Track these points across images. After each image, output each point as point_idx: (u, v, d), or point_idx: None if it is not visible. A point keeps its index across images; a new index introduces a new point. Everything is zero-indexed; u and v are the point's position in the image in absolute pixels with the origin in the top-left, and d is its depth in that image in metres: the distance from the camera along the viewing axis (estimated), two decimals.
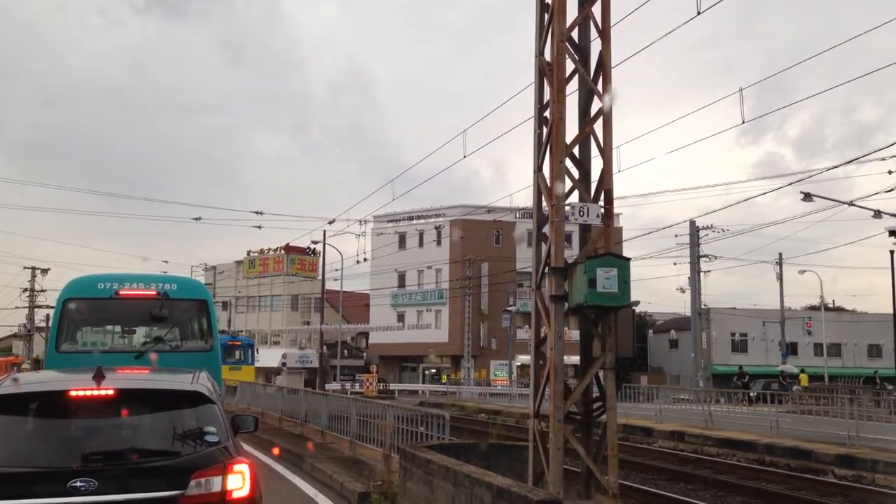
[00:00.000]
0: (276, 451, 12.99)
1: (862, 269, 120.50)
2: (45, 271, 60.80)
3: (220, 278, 76.04)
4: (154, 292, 11.82)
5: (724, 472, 17.12)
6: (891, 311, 41.52)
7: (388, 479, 10.49)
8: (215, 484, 5.06)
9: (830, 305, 70.94)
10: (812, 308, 67.66)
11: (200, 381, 5.83)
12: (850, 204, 27.75)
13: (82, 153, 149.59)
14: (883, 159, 26.84)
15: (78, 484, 4.76)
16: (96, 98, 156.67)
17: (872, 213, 27.19)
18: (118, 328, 13.75)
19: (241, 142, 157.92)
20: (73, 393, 5.21)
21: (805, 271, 54.95)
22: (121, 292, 11.68)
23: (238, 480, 5.16)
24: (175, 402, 5.53)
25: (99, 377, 5.27)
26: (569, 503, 7.13)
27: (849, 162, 74.54)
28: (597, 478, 8.33)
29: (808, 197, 27.07)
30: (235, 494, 5.12)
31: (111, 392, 5.23)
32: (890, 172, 27.13)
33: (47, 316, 52.75)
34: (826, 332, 58.36)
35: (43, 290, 60.30)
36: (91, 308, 12.15)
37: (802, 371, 45.36)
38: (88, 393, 5.17)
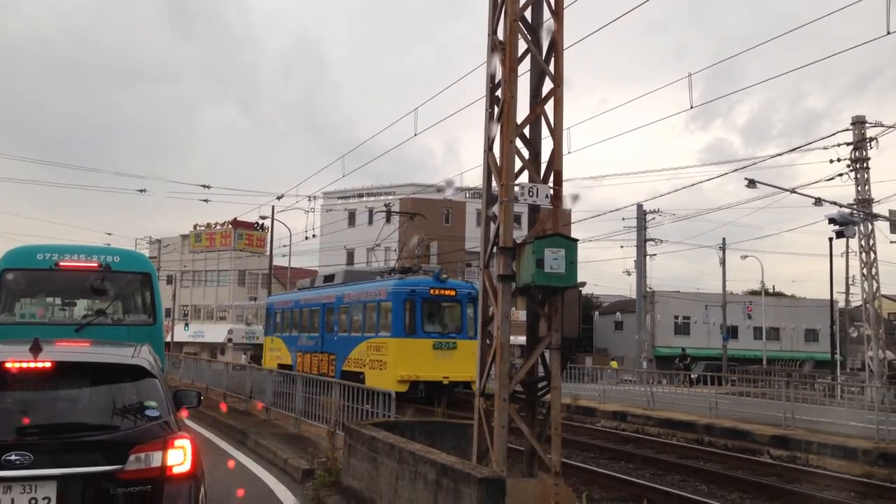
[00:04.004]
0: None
1: (802, 255, 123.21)
2: None
3: (165, 252, 74.80)
4: (95, 264, 11.58)
5: (664, 452, 17.46)
6: (828, 297, 42.78)
7: (332, 455, 10.48)
8: (155, 459, 5.00)
9: (770, 290, 72.65)
10: (753, 293, 69.27)
11: (142, 355, 5.75)
12: (793, 191, 28.31)
13: (21, 120, 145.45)
14: (825, 148, 27.49)
15: (13, 457, 4.67)
16: (37, 63, 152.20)
17: (813, 200, 27.75)
18: (58, 300, 13.47)
19: (188, 113, 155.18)
20: (8, 365, 5.09)
21: (747, 256, 56.09)
22: (61, 263, 11.42)
23: (179, 455, 5.11)
24: (115, 375, 5.45)
25: (36, 349, 5.15)
26: (512, 481, 7.19)
27: (793, 150, 76.04)
28: (540, 456, 8.41)
29: (752, 183, 27.46)
30: (176, 470, 5.08)
31: (48, 364, 5.13)
32: (832, 161, 27.83)
33: None
34: (765, 316, 59.79)
35: None
36: (29, 279, 11.88)
37: (613, 359, 46.32)
38: (25, 365, 5.06)
